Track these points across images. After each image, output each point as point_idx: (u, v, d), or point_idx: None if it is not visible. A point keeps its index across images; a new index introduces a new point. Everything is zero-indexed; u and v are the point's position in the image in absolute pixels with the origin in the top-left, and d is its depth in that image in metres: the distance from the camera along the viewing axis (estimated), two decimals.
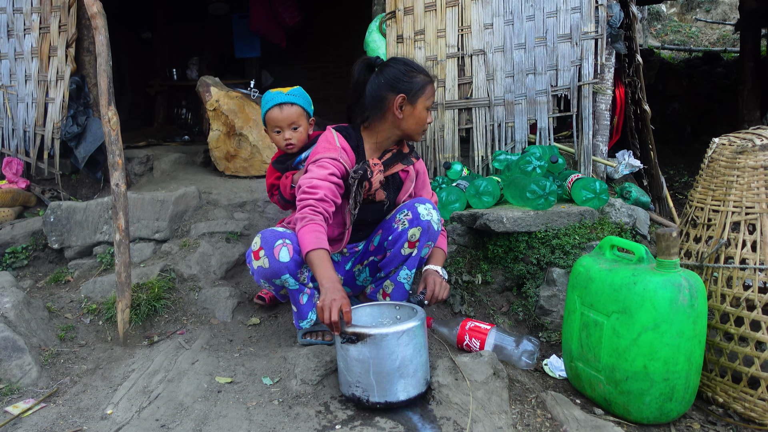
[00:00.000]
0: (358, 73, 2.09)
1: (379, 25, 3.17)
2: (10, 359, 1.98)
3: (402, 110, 2.05)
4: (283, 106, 2.22)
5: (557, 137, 2.96)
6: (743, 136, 1.94)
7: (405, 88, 2.03)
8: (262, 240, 1.93)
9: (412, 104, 2.05)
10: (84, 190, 3.47)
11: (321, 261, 1.78)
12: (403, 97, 2.03)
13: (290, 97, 2.24)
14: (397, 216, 2.09)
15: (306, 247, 1.82)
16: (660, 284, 1.64)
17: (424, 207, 2.05)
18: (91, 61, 3.33)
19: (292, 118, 2.23)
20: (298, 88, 2.30)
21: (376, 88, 2.05)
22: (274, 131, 2.26)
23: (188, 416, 1.72)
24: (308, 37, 6.52)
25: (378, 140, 2.12)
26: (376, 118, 2.08)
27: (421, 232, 2.04)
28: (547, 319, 2.29)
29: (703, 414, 1.89)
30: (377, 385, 1.68)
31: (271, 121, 2.25)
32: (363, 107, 2.09)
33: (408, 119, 2.07)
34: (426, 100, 2.07)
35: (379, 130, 2.10)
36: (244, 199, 3.15)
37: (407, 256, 2.09)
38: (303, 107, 2.27)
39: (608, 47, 2.82)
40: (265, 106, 2.25)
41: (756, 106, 5.45)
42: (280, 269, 1.90)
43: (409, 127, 2.09)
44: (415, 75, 2.05)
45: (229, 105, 3.54)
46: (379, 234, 2.17)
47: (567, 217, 2.39)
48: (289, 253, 1.90)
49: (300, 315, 2.06)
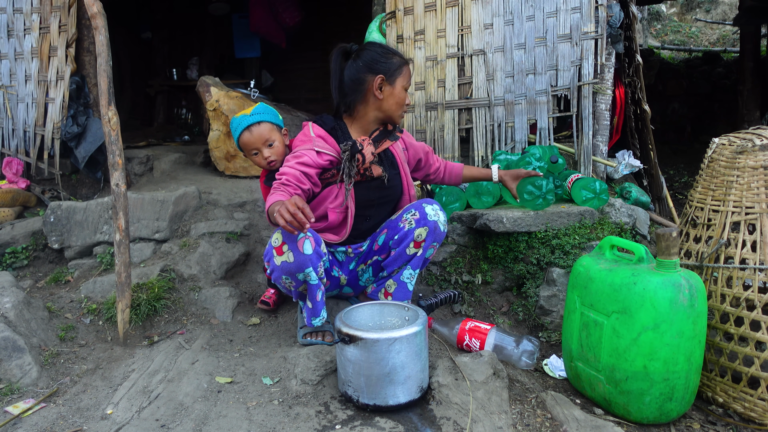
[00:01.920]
0: (334, 61, 2.14)
1: (379, 25, 3.17)
2: (10, 359, 1.98)
3: (381, 90, 2.11)
4: (252, 128, 2.19)
5: (557, 137, 2.96)
6: (743, 136, 1.94)
7: (383, 68, 2.10)
8: (284, 235, 1.91)
9: (391, 84, 2.11)
10: (84, 190, 3.47)
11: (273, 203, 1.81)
12: (382, 77, 2.09)
13: (255, 117, 2.20)
14: (404, 216, 2.10)
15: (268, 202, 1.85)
16: (660, 284, 1.64)
17: (432, 207, 2.07)
18: (91, 61, 3.33)
19: (264, 136, 2.19)
20: (260, 104, 2.27)
21: (354, 71, 2.10)
22: (252, 154, 2.23)
23: (188, 416, 1.72)
24: (308, 37, 6.52)
25: (362, 124, 2.17)
26: (357, 102, 2.13)
27: (427, 233, 2.05)
28: (547, 319, 2.29)
29: (703, 414, 1.89)
30: (367, 388, 1.68)
31: (246, 146, 2.22)
32: (344, 94, 2.14)
33: (388, 99, 2.12)
34: (403, 80, 2.14)
35: (362, 114, 2.15)
36: (244, 199, 3.15)
37: (412, 255, 2.09)
38: (271, 122, 2.23)
39: (608, 47, 2.82)
40: (236, 133, 2.22)
41: (756, 106, 5.46)
42: (304, 262, 1.89)
43: (389, 107, 2.14)
44: (391, 56, 2.13)
45: (229, 105, 3.54)
46: (385, 233, 2.17)
47: (567, 217, 2.39)
48: (311, 245, 1.90)
49: (314, 312, 2.05)
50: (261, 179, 2.36)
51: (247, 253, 2.82)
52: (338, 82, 2.14)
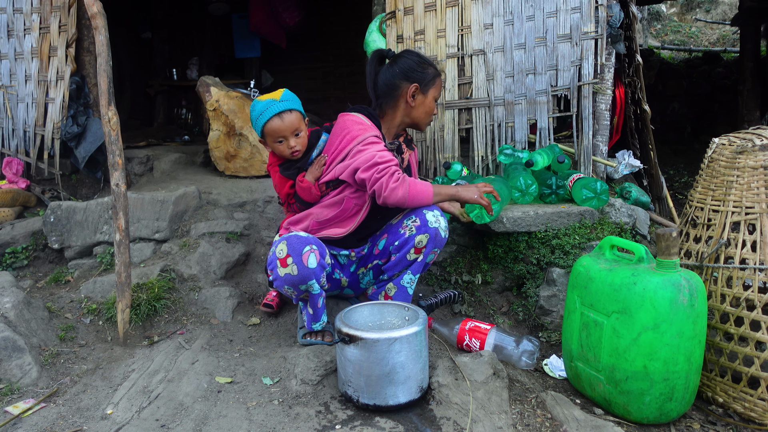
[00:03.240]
0: (370, 63, 2.24)
1: (379, 25, 3.17)
2: (10, 359, 1.98)
3: (414, 99, 2.19)
4: (283, 115, 2.09)
5: (557, 137, 2.95)
6: (743, 136, 1.94)
7: (419, 78, 2.18)
8: (288, 247, 1.90)
9: (423, 94, 2.21)
10: (84, 190, 3.47)
11: (440, 187, 2.06)
12: (416, 86, 2.18)
13: (287, 104, 2.12)
14: (405, 222, 2.09)
15: (426, 190, 2.01)
16: (660, 284, 1.64)
17: (432, 214, 2.05)
18: (91, 61, 3.32)
19: (294, 125, 2.11)
20: (286, 91, 2.18)
21: (390, 76, 2.19)
22: (276, 142, 2.14)
23: (188, 416, 1.72)
24: (308, 37, 6.52)
25: (389, 127, 2.24)
26: (388, 105, 2.21)
27: (428, 240, 2.04)
28: (547, 319, 2.29)
29: (703, 414, 1.89)
30: (367, 388, 1.68)
31: (273, 133, 2.11)
32: (376, 96, 2.23)
33: (419, 108, 2.22)
34: (435, 91, 2.24)
35: (391, 117, 2.23)
36: (244, 199, 3.15)
37: (412, 261, 2.10)
38: (300, 111, 2.17)
39: (608, 47, 2.82)
40: (262, 117, 2.11)
41: (756, 106, 5.45)
42: (308, 275, 1.91)
43: (419, 115, 2.23)
44: (427, 67, 2.21)
45: (229, 105, 3.54)
46: (385, 238, 2.16)
47: (567, 217, 2.39)
48: (316, 258, 1.90)
49: (314, 317, 2.07)
50: (273, 167, 2.27)
51: (247, 253, 2.82)
52: (372, 83, 2.23)
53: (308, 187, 2.15)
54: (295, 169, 2.21)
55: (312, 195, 2.16)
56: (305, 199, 2.18)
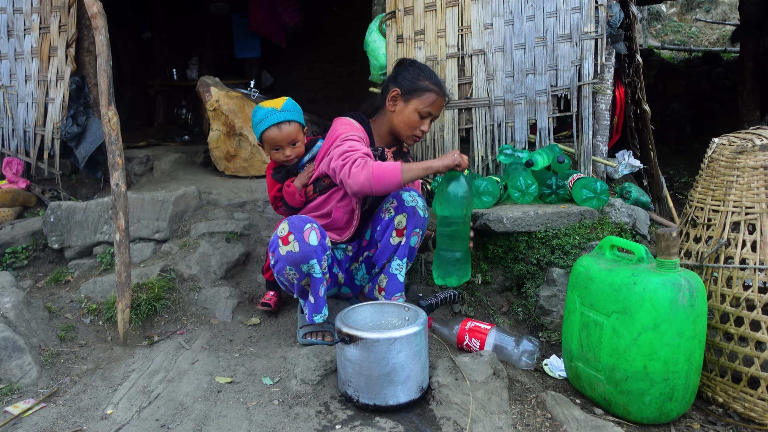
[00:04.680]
0: (394, 67, 2.29)
1: (379, 25, 3.17)
2: (10, 359, 1.98)
3: (394, 104, 2.16)
4: (282, 126, 2.15)
5: (557, 137, 2.95)
6: (743, 136, 1.94)
7: (404, 84, 2.16)
8: (290, 225, 1.92)
9: (404, 101, 2.15)
10: (84, 190, 3.47)
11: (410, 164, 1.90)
12: (397, 91, 2.15)
13: (286, 114, 2.16)
14: (384, 206, 2.13)
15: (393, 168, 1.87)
16: (660, 284, 1.64)
17: (409, 194, 2.08)
18: (91, 61, 3.32)
19: (291, 136, 2.17)
20: (288, 100, 2.22)
21: (388, 78, 2.24)
22: (273, 149, 2.20)
23: (188, 416, 1.72)
24: (308, 37, 6.52)
25: (380, 133, 2.23)
26: (380, 108, 2.23)
27: (407, 219, 2.06)
28: (547, 319, 2.29)
29: (703, 414, 1.89)
30: (367, 388, 1.68)
31: (270, 141, 2.18)
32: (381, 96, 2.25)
33: (397, 115, 2.18)
34: (419, 104, 2.14)
35: (380, 122, 2.23)
36: (244, 199, 3.15)
37: (397, 245, 2.11)
38: (299, 122, 2.21)
39: (608, 47, 2.82)
40: (261, 125, 2.17)
41: (756, 106, 5.45)
42: (309, 252, 1.90)
43: (397, 123, 2.18)
44: (421, 78, 2.16)
45: (229, 105, 3.54)
46: (369, 227, 2.19)
47: (567, 217, 2.39)
48: (317, 236, 1.91)
49: (316, 308, 2.05)
50: (268, 172, 2.35)
51: (247, 253, 2.82)
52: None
53: (293, 192, 2.21)
54: (285, 173, 2.27)
55: (295, 200, 2.22)
56: (289, 204, 2.25)
